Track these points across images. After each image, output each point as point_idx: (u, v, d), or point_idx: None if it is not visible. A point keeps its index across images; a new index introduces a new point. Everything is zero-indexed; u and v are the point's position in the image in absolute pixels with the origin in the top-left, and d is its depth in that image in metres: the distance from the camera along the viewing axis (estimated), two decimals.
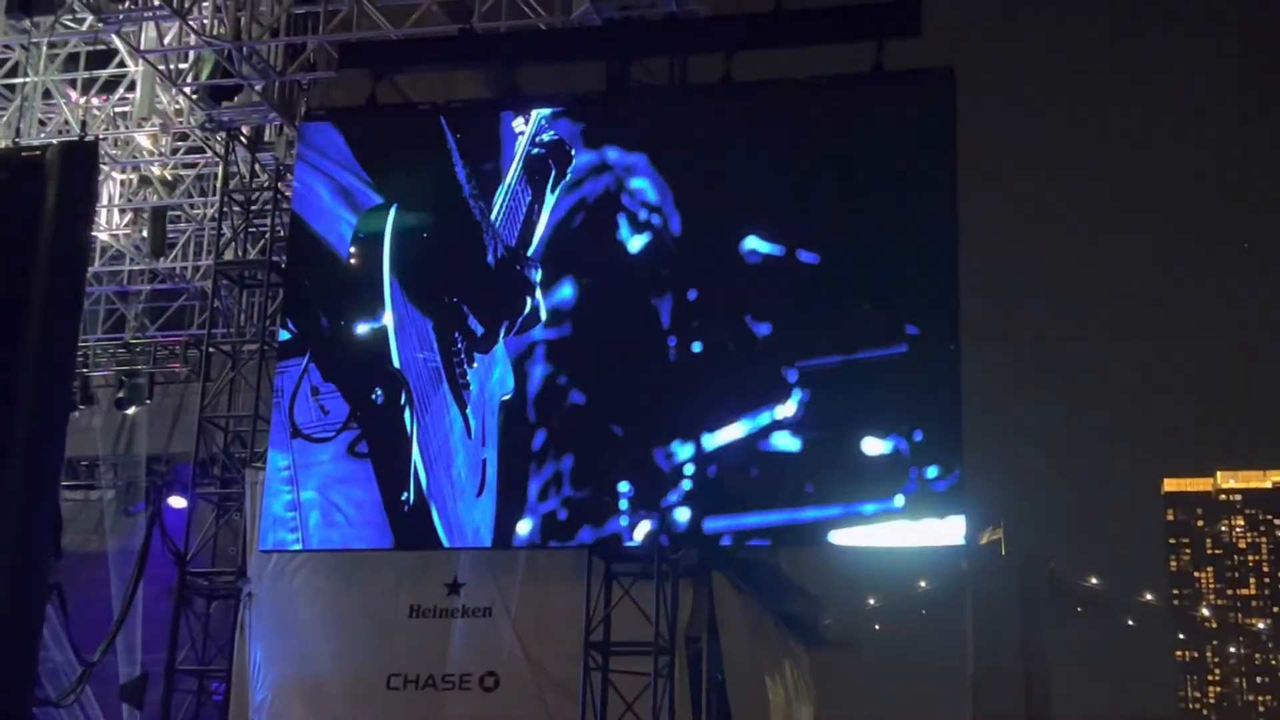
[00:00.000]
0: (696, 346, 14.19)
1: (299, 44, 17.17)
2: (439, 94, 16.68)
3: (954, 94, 14.06)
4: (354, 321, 15.28)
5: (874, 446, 13.44)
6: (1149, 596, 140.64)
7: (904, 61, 14.31)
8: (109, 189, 20.92)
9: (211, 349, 18.86)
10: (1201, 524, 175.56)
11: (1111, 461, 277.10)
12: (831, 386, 13.65)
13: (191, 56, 17.75)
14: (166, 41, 17.72)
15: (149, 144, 20.02)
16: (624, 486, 14.02)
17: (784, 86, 14.80)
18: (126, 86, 19.64)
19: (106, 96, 19.79)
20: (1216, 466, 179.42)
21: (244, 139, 18.85)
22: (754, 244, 14.12)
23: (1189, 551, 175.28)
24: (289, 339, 15.56)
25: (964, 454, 13.28)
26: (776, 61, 15.66)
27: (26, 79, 19.41)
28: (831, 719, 21.45)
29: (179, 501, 19.02)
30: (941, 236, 13.87)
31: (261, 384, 17.59)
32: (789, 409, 13.67)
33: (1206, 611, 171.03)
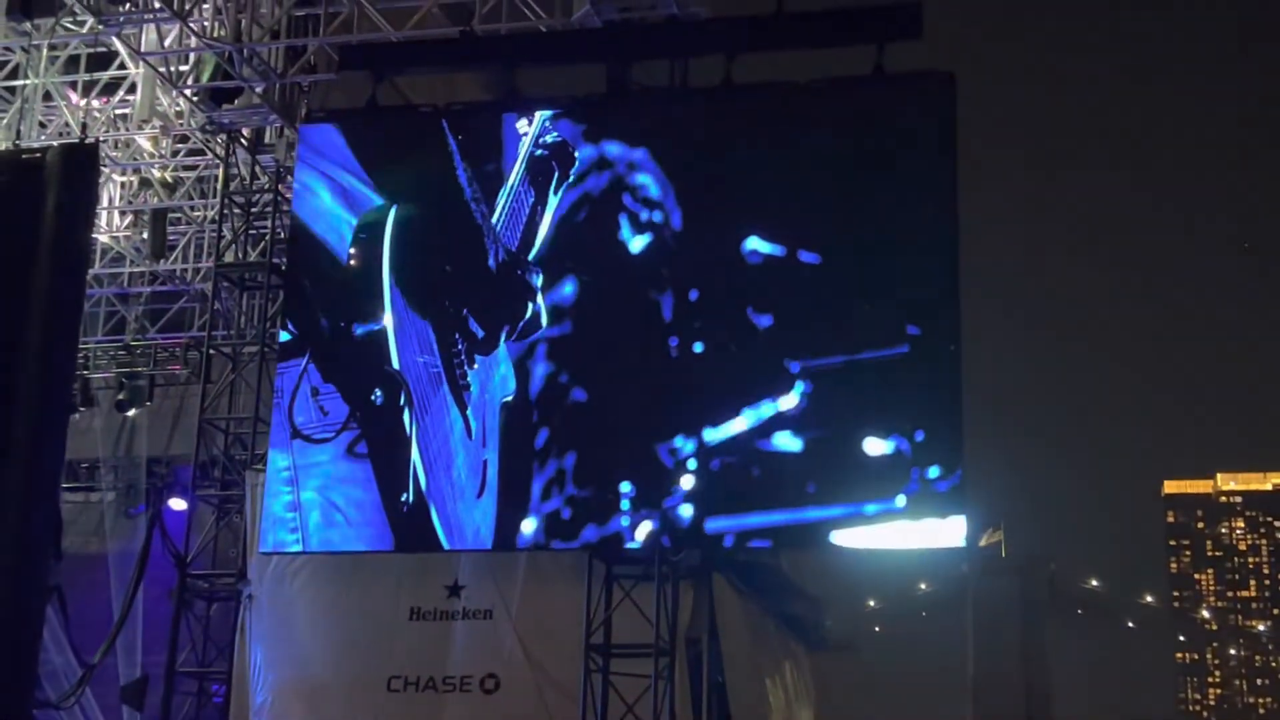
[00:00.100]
0: (698, 347, 14.20)
1: (299, 46, 17.17)
2: (439, 96, 16.67)
3: (954, 98, 14.09)
4: (354, 323, 15.28)
5: (875, 446, 13.45)
6: (1149, 598, 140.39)
7: (905, 62, 14.33)
8: (109, 191, 20.93)
9: (212, 351, 18.85)
10: (1202, 526, 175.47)
11: (1112, 463, 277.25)
12: (833, 386, 13.67)
13: (192, 59, 17.73)
14: (167, 44, 17.71)
15: (149, 146, 20.05)
16: (625, 486, 14.02)
17: (785, 89, 14.77)
18: (127, 89, 19.63)
19: (107, 99, 19.78)
20: (1217, 468, 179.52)
21: (244, 141, 18.85)
22: (755, 244, 14.14)
23: (1189, 553, 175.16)
24: (289, 340, 15.57)
25: (965, 454, 13.32)
26: (777, 64, 15.67)
27: (27, 81, 19.41)
28: None
29: (179, 503, 19.01)
30: (942, 237, 13.89)
31: (262, 386, 17.57)
32: (791, 400, 13.68)
33: (1207, 613, 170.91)
